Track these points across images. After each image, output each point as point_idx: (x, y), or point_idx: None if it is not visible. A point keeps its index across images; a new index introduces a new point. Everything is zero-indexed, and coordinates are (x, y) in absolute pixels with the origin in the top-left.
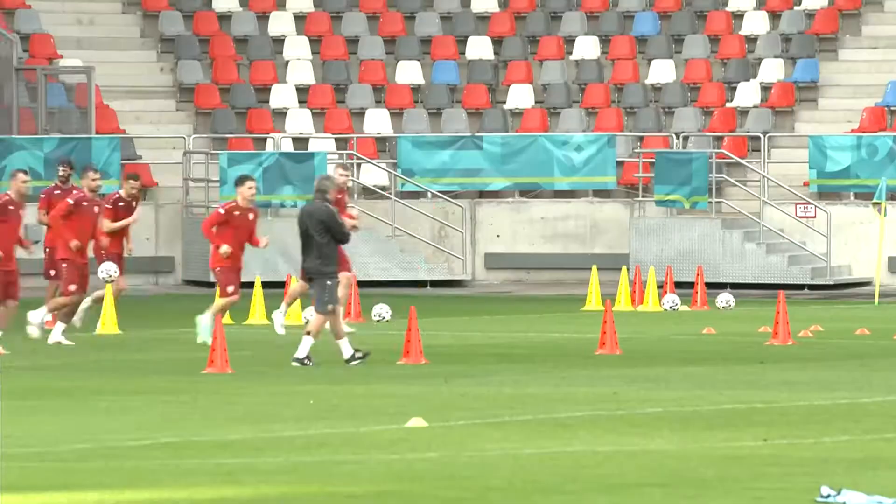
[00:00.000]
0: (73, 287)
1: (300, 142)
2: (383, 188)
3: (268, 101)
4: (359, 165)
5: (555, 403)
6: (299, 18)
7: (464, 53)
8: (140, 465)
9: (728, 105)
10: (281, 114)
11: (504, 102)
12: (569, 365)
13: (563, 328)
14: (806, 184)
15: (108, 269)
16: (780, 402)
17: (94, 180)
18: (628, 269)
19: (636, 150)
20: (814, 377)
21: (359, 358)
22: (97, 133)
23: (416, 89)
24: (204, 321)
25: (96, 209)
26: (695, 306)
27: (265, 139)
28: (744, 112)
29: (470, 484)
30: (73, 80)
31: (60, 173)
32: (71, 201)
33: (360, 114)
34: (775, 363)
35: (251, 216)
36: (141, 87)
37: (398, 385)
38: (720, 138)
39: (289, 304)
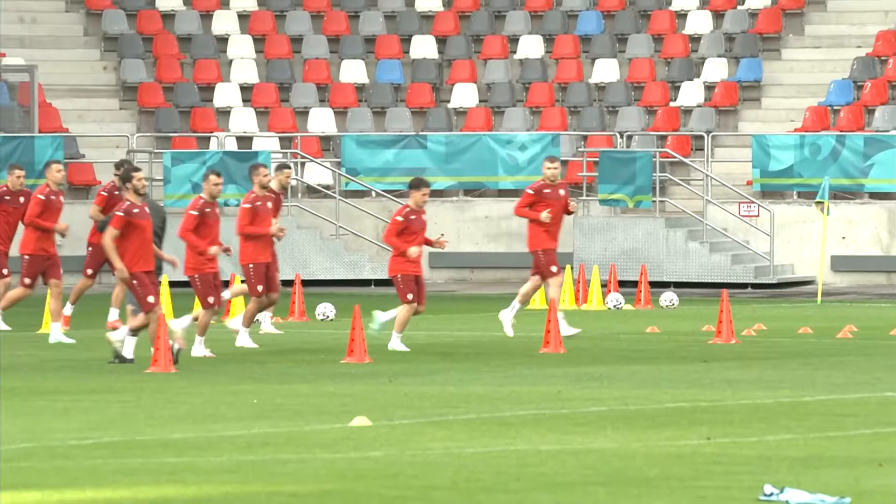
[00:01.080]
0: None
1: (244, 140)
2: (327, 187)
3: (211, 100)
4: (303, 164)
5: (499, 402)
6: (243, 17)
7: (408, 52)
8: (82, 464)
9: (672, 104)
10: (225, 112)
11: (448, 101)
12: (513, 364)
13: (498, 326)
14: (749, 183)
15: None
16: (724, 401)
17: (58, 172)
18: (572, 268)
19: (580, 150)
20: (757, 376)
21: (119, 361)
22: (40, 132)
23: (360, 88)
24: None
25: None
26: (638, 305)
27: (209, 138)
28: (687, 111)
29: (413, 483)
30: (16, 79)
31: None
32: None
33: (304, 113)
34: (719, 362)
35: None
36: (84, 85)
37: (342, 384)
38: (664, 137)
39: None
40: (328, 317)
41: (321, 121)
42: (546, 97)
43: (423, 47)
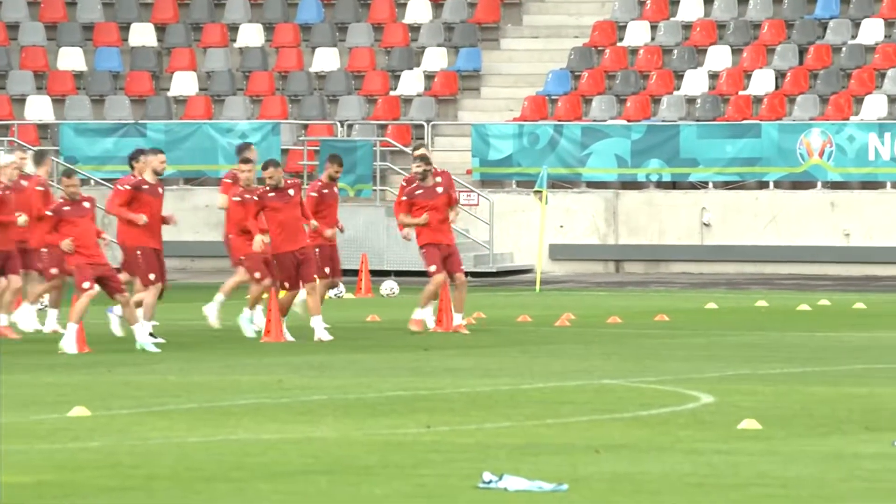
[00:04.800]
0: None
1: None
2: None
3: None
4: None
5: (219, 392)
6: None
7: (127, 40)
8: None
9: (392, 93)
10: None
11: (168, 90)
12: (233, 353)
13: (228, 316)
14: (469, 172)
15: None
16: (444, 389)
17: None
18: None
19: (301, 138)
20: (476, 364)
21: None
22: None
23: (78, 76)
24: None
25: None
26: (359, 294)
27: None
28: (407, 100)
29: (133, 472)
30: None
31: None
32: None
33: (21, 100)
34: (439, 350)
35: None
36: None
37: (61, 374)
38: (384, 126)
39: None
40: (46, 306)
41: (39, 109)
42: (266, 86)
43: (142, 35)
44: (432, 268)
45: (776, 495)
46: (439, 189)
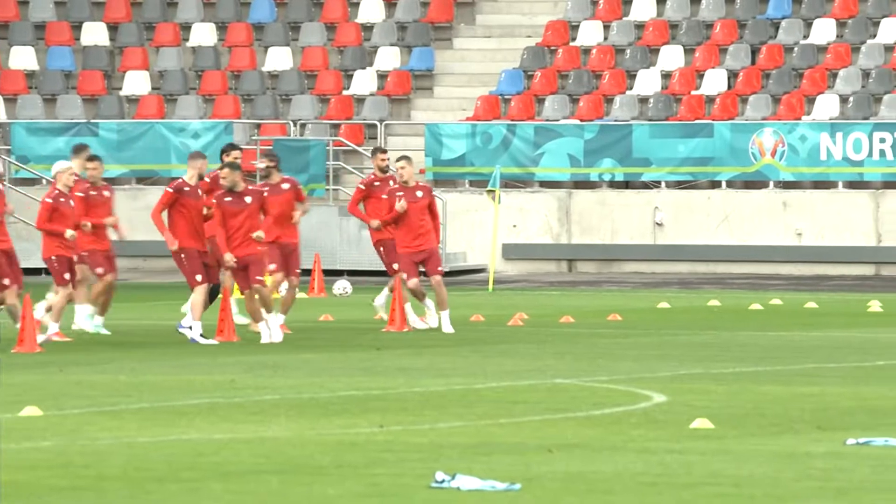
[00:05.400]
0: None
1: None
2: None
3: None
4: None
5: (171, 391)
6: None
7: (79, 39)
8: None
9: (345, 93)
10: None
11: (120, 89)
12: (186, 353)
13: (179, 316)
14: (422, 171)
15: None
16: (397, 389)
17: None
18: None
19: (253, 138)
20: (430, 363)
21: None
22: None
23: (30, 75)
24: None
25: None
26: (312, 293)
27: None
28: (360, 100)
29: (84, 473)
30: None
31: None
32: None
33: None
34: (392, 350)
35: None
36: None
37: (12, 373)
38: (337, 126)
39: None
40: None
41: None
42: (219, 85)
43: (95, 34)
44: (395, 265)
45: (728, 494)
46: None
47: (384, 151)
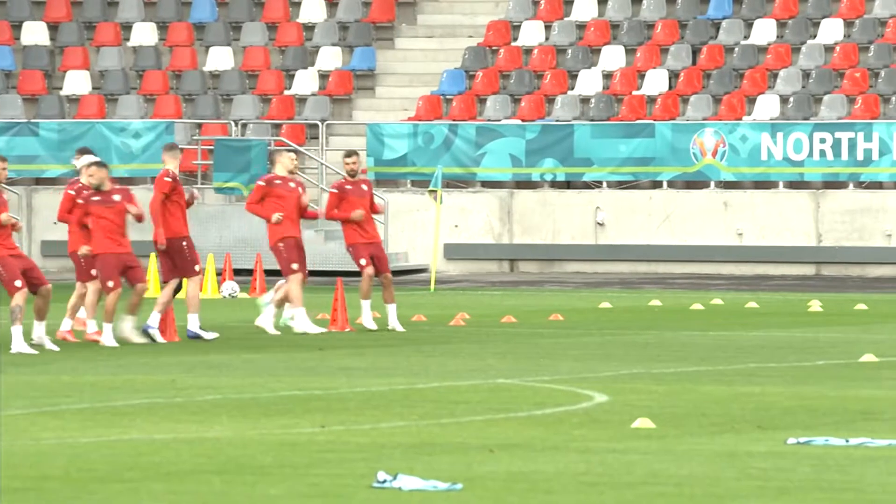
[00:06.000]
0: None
1: None
2: None
3: None
4: None
5: (112, 391)
6: None
7: (19, 38)
8: None
9: (286, 93)
10: None
11: (61, 89)
12: (127, 353)
13: (119, 316)
14: (364, 171)
15: None
16: (339, 389)
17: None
18: None
19: (195, 138)
20: (372, 363)
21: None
22: None
23: None
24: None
25: None
26: (254, 293)
27: None
28: (302, 100)
29: (26, 473)
30: None
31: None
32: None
33: None
34: (334, 350)
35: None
36: None
37: None
38: (279, 126)
39: None
40: None
41: None
42: (160, 85)
43: (35, 34)
44: (362, 261)
45: (670, 494)
46: (364, 186)
47: (357, 154)
